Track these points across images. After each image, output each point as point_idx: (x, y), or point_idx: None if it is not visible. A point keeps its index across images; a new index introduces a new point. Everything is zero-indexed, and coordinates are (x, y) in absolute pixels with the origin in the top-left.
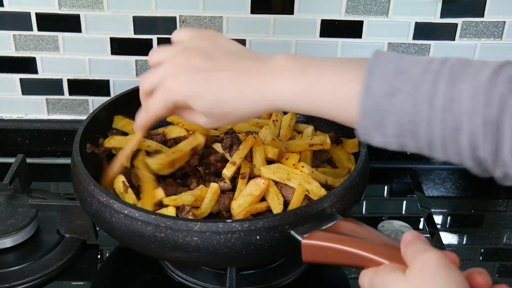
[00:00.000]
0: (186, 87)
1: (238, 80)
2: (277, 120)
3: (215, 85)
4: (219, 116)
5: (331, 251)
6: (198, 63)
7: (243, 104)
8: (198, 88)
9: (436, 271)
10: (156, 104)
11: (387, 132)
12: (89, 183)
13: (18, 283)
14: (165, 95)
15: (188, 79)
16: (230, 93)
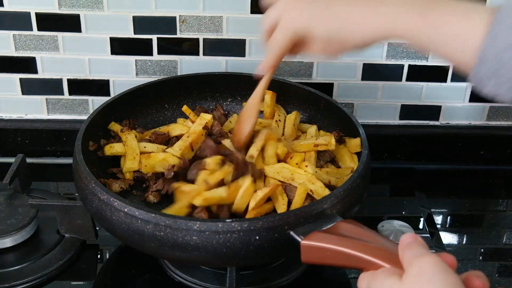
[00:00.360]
0: (307, 14)
1: (359, 8)
2: (280, 120)
3: (336, 13)
4: (337, 43)
5: (330, 252)
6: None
7: (362, 33)
8: (318, 15)
9: (432, 276)
10: (280, 37)
11: (501, 84)
12: (90, 181)
13: (18, 283)
14: (288, 25)
15: (309, 7)
16: (350, 21)
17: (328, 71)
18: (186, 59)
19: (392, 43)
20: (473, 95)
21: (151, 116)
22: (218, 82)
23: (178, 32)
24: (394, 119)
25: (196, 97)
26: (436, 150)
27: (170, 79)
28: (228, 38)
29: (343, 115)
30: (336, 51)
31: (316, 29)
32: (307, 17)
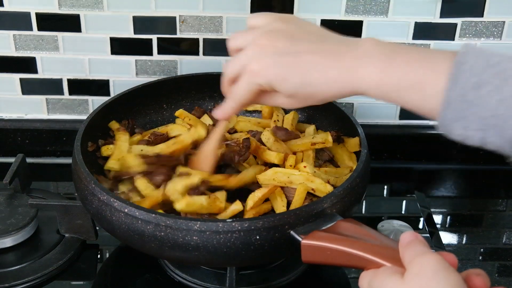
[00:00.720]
0: (272, 70)
1: (323, 63)
2: (278, 121)
3: (301, 68)
4: (303, 98)
5: (330, 251)
6: (282, 46)
7: (328, 87)
8: (284, 71)
9: (434, 275)
10: (242, 89)
11: (469, 125)
12: (89, 182)
13: (18, 283)
14: (251, 79)
15: (273, 62)
16: (316, 76)
17: None
18: (186, 59)
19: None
20: None
21: (150, 116)
22: (217, 82)
23: (178, 32)
24: (393, 119)
25: (194, 97)
26: (436, 150)
27: (169, 79)
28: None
29: (342, 114)
30: (301, 104)
31: (281, 85)
32: (272, 73)
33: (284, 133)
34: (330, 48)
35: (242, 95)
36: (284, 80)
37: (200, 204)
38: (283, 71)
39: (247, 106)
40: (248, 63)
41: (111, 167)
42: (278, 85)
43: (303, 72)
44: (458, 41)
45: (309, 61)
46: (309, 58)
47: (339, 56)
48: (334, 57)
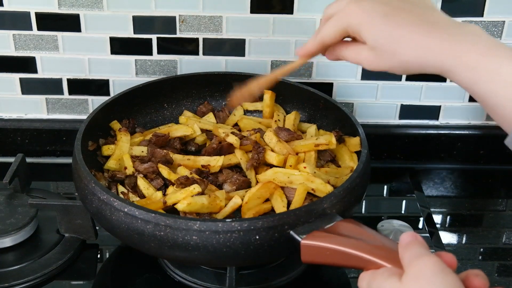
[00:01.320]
0: (366, 13)
1: (421, 27)
2: (280, 120)
3: (396, 20)
4: (385, 53)
5: (330, 252)
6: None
7: (414, 50)
8: (378, 19)
9: (431, 278)
10: (330, 26)
11: None
12: (90, 181)
13: (17, 283)
14: (342, 17)
15: (371, 7)
16: (408, 35)
17: (328, 71)
18: (185, 58)
19: None
20: None
21: (150, 116)
22: (217, 82)
23: (178, 32)
24: (393, 118)
25: (195, 97)
26: (436, 150)
27: (169, 79)
28: (227, 38)
29: (343, 114)
30: (381, 63)
31: (370, 30)
32: (366, 16)
33: (287, 133)
34: (434, 17)
35: (328, 32)
36: (374, 25)
37: (201, 204)
38: (377, 17)
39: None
40: (347, 4)
41: (111, 167)
42: (366, 29)
43: (396, 25)
44: None
45: (406, 19)
46: (408, 18)
47: (439, 26)
48: (434, 25)
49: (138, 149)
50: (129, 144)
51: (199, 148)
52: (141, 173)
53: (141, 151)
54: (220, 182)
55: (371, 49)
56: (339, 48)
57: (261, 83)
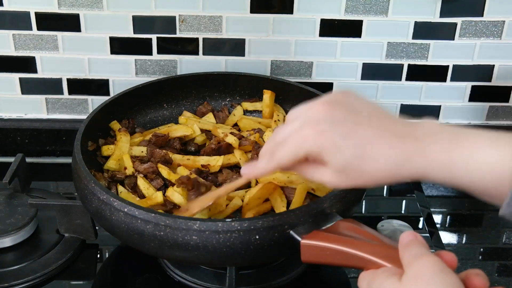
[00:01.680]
0: (325, 138)
1: (384, 139)
2: (279, 120)
3: (359, 140)
4: (353, 175)
5: (330, 251)
6: (341, 115)
7: (383, 166)
8: (339, 141)
9: (430, 278)
10: (286, 151)
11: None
12: (89, 181)
13: (17, 283)
14: (300, 143)
15: (329, 129)
16: (372, 152)
17: (328, 71)
18: (185, 58)
19: (391, 42)
20: (473, 95)
21: (150, 116)
22: (217, 82)
23: (178, 32)
24: None
25: (195, 97)
26: None
27: (169, 79)
28: (227, 37)
29: None
30: (348, 183)
31: (332, 155)
32: (325, 141)
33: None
34: (390, 125)
35: (285, 157)
36: (337, 150)
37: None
38: (337, 140)
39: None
40: (301, 127)
41: (110, 167)
42: (329, 154)
43: (359, 144)
44: (458, 41)
45: (368, 135)
46: (368, 132)
47: (400, 134)
48: (395, 134)
49: (138, 149)
50: (129, 144)
51: (199, 148)
52: (141, 173)
53: (140, 151)
54: (220, 182)
55: (336, 172)
56: (299, 168)
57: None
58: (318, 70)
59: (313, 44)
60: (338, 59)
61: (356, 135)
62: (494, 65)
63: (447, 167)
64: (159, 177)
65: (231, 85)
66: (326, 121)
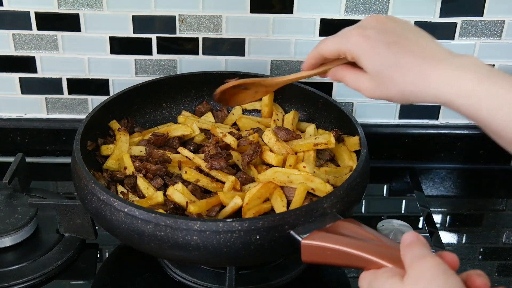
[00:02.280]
0: (368, 42)
1: (421, 57)
2: (278, 119)
3: (398, 51)
4: (385, 82)
5: (330, 251)
6: (390, 28)
7: (414, 80)
8: (380, 47)
9: (433, 279)
10: (330, 42)
11: None
12: (89, 181)
13: (17, 282)
14: (345, 41)
15: (375, 36)
16: (408, 62)
17: None
18: (185, 58)
19: None
20: None
21: (149, 115)
22: (216, 81)
23: (178, 32)
24: (393, 118)
25: (194, 96)
26: (436, 149)
27: (169, 78)
28: (227, 37)
29: (342, 113)
30: (381, 92)
31: (370, 60)
32: (368, 45)
33: (285, 133)
34: (435, 48)
35: (327, 47)
36: (375, 54)
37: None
38: (378, 46)
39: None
40: (351, 29)
41: (110, 167)
42: (367, 57)
43: (397, 53)
44: (458, 41)
45: (408, 49)
46: (410, 47)
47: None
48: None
49: (137, 148)
50: (128, 144)
51: (198, 147)
52: (141, 173)
53: (140, 150)
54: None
55: (371, 78)
56: (340, 72)
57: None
58: None
59: (313, 44)
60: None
61: (397, 46)
62: (494, 65)
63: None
64: (159, 176)
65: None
66: (374, 28)
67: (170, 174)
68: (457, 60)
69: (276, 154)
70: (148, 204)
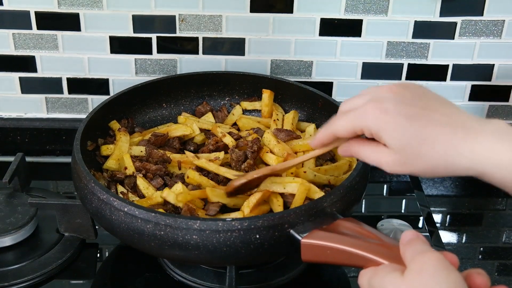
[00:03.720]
0: (387, 116)
1: (448, 127)
2: (278, 119)
3: (422, 123)
4: (410, 157)
5: (330, 250)
6: (408, 98)
7: (443, 153)
8: (402, 120)
9: (435, 273)
10: (344, 120)
11: None
12: (89, 181)
13: (17, 282)
14: (360, 117)
15: (393, 109)
16: (435, 135)
17: (328, 70)
18: (185, 58)
19: (391, 41)
20: (473, 94)
21: (149, 115)
22: (216, 81)
23: (178, 31)
24: None
25: (194, 96)
26: None
27: (169, 78)
28: (227, 37)
29: None
30: (405, 167)
31: (391, 136)
32: (388, 119)
33: (285, 134)
34: (458, 116)
35: (341, 126)
36: (397, 128)
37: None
38: (399, 120)
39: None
40: (366, 103)
41: (110, 167)
42: (388, 132)
43: (422, 126)
44: (458, 40)
45: (432, 119)
46: (433, 117)
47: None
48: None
49: (137, 149)
50: (128, 144)
51: (198, 147)
52: (141, 173)
53: (140, 151)
54: (220, 179)
55: (394, 153)
56: (355, 146)
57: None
58: (318, 70)
59: (313, 43)
60: (338, 58)
61: (420, 118)
62: (494, 64)
63: (507, 170)
64: (158, 176)
65: (230, 84)
66: (392, 100)
67: (170, 174)
68: (487, 127)
69: (276, 156)
70: (148, 204)
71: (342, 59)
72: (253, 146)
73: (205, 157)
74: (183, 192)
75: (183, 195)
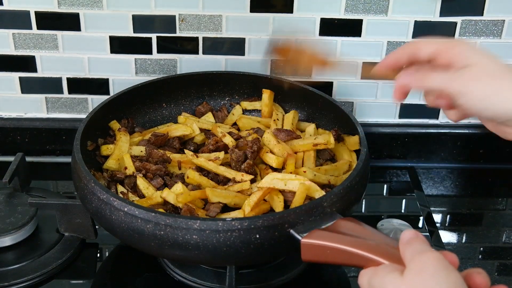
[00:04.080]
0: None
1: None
2: (278, 119)
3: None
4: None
5: (330, 250)
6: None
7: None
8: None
9: (434, 273)
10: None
11: None
12: (89, 181)
13: (17, 282)
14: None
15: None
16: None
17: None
18: (185, 57)
19: (391, 41)
20: None
21: (149, 115)
22: (216, 81)
23: (178, 31)
24: (393, 117)
25: (194, 96)
26: (436, 149)
27: (169, 78)
28: (227, 37)
29: (341, 113)
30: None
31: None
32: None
33: (285, 134)
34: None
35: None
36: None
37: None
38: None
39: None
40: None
41: (110, 167)
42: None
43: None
44: None
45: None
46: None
47: None
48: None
49: (137, 148)
50: (128, 144)
51: (198, 147)
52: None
53: (140, 150)
54: (220, 179)
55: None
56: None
57: None
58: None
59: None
60: (338, 58)
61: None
62: None
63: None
64: (158, 176)
65: (230, 84)
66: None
67: (170, 174)
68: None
69: (276, 156)
70: (148, 204)
71: (342, 59)
72: (253, 146)
73: (205, 157)
74: (183, 192)
75: (183, 195)
